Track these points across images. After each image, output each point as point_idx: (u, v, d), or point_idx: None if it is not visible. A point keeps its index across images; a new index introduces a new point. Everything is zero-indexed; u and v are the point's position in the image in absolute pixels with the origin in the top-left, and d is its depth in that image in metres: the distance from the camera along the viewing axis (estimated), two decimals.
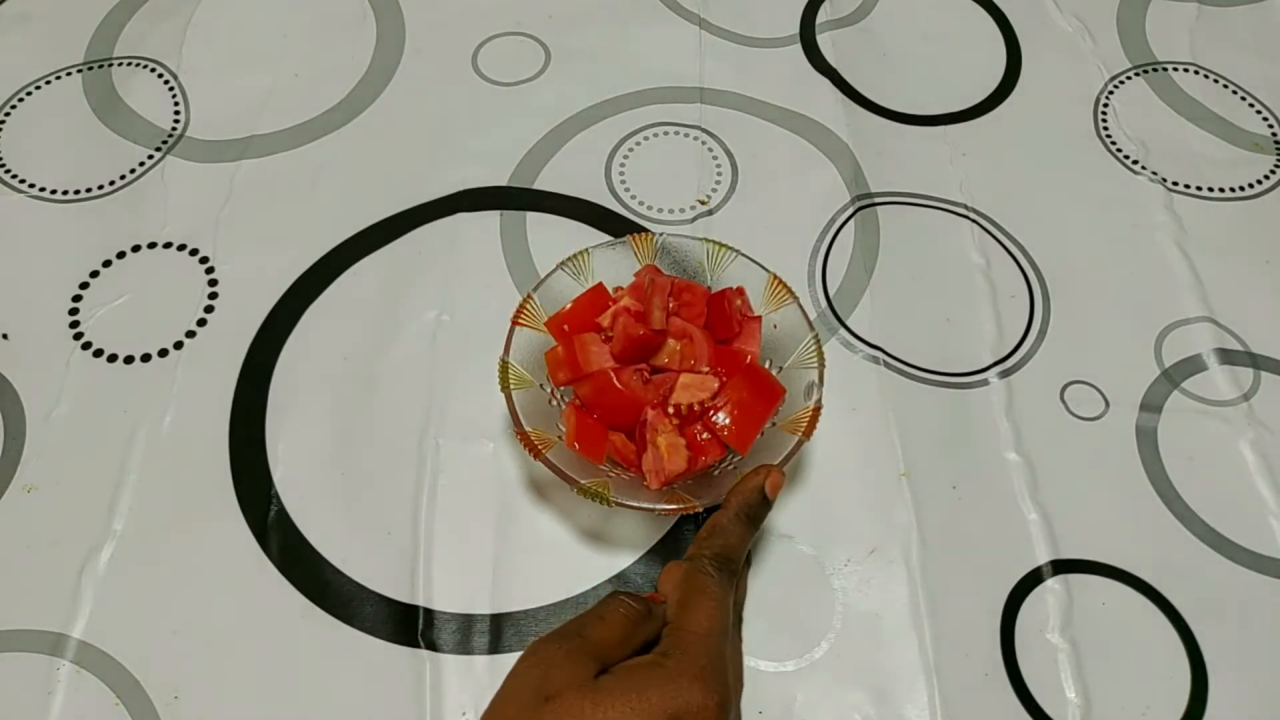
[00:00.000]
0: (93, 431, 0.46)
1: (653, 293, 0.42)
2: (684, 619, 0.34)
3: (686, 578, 0.35)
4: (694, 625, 0.34)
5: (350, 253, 0.52)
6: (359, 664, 0.41)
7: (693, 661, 0.32)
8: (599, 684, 0.31)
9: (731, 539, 0.37)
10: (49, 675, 0.40)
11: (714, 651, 0.33)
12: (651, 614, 0.35)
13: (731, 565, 0.36)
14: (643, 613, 0.34)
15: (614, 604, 0.34)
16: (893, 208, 0.54)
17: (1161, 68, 0.61)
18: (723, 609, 0.34)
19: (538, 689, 0.31)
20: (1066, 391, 0.48)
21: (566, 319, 0.43)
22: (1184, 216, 0.54)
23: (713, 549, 0.36)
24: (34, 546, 0.43)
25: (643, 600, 0.35)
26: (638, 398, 0.41)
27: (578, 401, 0.42)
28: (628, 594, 0.35)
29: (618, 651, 0.33)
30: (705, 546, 0.36)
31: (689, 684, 0.31)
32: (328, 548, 0.43)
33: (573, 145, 0.57)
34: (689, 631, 0.33)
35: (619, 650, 0.33)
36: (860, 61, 0.61)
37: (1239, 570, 0.44)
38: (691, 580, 0.35)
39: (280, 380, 0.48)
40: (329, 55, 0.60)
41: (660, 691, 0.31)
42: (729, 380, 0.42)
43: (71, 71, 0.59)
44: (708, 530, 0.37)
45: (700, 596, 0.34)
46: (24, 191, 0.54)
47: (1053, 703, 0.40)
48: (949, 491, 0.45)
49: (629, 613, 0.34)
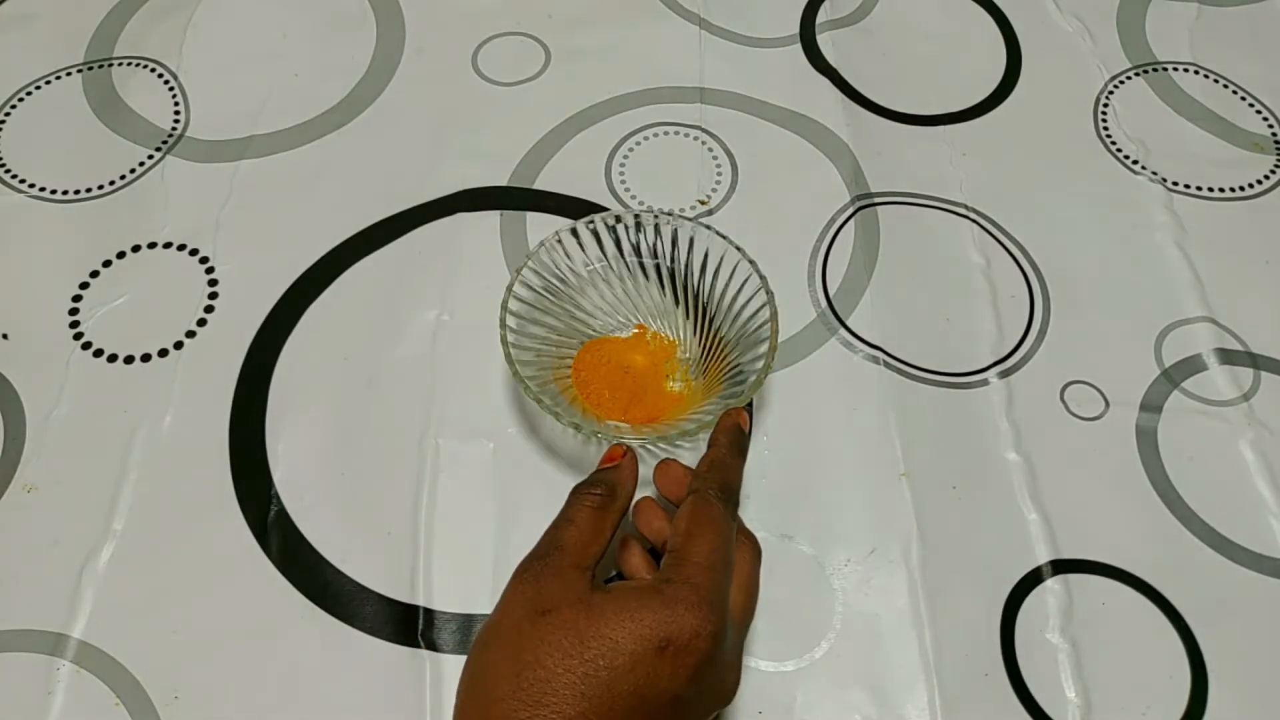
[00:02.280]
0: (93, 431, 0.46)
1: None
2: (688, 548, 0.34)
3: (693, 508, 0.36)
4: (696, 555, 0.34)
5: (350, 253, 0.52)
6: (359, 664, 0.41)
7: (692, 590, 0.32)
8: (594, 600, 0.32)
9: (730, 472, 0.38)
10: (49, 675, 0.40)
11: (713, 582, 0.33)
12: (615, 493, 0.36)
13: (734, 497, 0.37)
14: (606, 497, 0.36)
15: (577, 503, 0.36)
16: (893, 208, 0.54)
17: (1161, 68, 0.61)
18: (726, 541, 0.35)
19: (533, 604, 0.33)
20: (1066, 391, 0.48)
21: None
22: (1184, 216, 0.54)
23: (716, 481, 0.37)
24: (34, 546, 0.43)
25: (601, 483, 0.36)
26: None
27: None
28: (586, 484, 0.37)
29: (595, 546, 0.35)
30: (708, 480, 0.37)
31: (685, 611, 0.32)
32: (328, 548, 0.43)
33: (573, 145, 0.57)
34: (691, 561, 0.33)
35: (596, 544, 0.35)
36: (860, 61, 0.61)
37: (1239, 570, 0.44)
38: (698, 511, 0.35)
39: (280, 380, 0.48)
40: (329, 55, 0.60)
41: (655, 615, 0.31)
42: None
43: (71, 71, 0.59)
44: (707, 465, 0.38)
45: (705, 527, 0.35)
46: (24, 191, 0.54)
47: (1053, 703, 0.40)
48: (949, 491, 0.45)
49: (593, 504, 0.36)
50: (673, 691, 0.31)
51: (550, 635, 0.31)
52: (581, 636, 0.31)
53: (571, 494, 0.37)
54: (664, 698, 0.31)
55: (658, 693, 0.31)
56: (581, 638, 0.31)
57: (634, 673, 0.31)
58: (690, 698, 0.32)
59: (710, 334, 0.47)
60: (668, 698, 0.31)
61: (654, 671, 0.31)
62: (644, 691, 0.31)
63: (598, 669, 0.31)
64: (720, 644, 0.32)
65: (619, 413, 0.45)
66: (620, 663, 0.31)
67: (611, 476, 0.37)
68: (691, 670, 0.31)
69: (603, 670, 0.31)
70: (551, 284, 0.46)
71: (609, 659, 0.31)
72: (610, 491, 0.36)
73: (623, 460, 0.38)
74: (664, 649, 0.31)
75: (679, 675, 0.31)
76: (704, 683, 0.32)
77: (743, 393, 0.42)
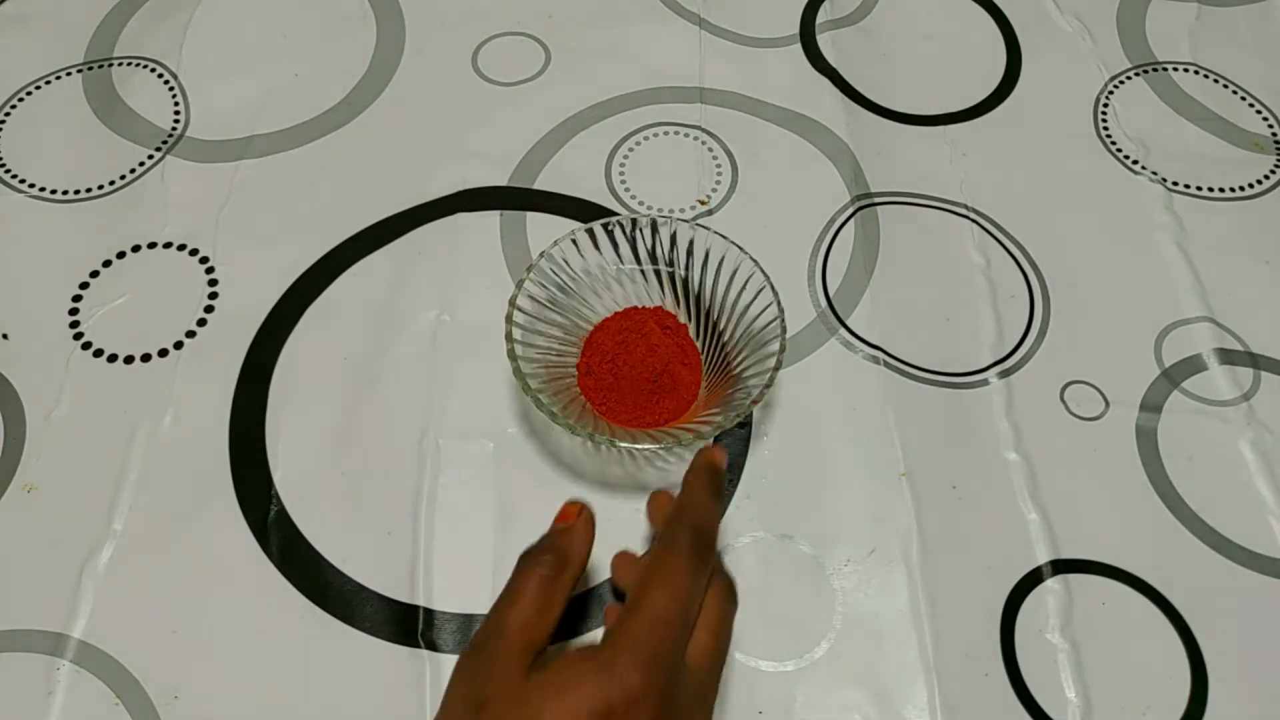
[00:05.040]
0: (93, 431, 0.46)
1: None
2: (640, 601, 0.31)
3: (655, 557, 0.32)
4: (648, 609, 0.31)
5: (350, 253, 0.52)
6: (359, 664, 0.41)
7: (633, 649, 0.30)
8: (529, 683, 0.30)
9: (702, 512, 0.35)
10: (49, 675, 0.40)
11: (660, 637, 0.30)
12: (567, 561, 0.33)
13: (706, 542, 0.33)
14: (555, 566, 0.33)
15: (524, 575, 0.33)
16: (893, 208, 0.54)
17: (1161, 68, 0.61)
18: (686, 593, 0.32)
19: (469, 700, 0.30)
20: (1066, 391, 0.48)
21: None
22: (1184, 216, 0.54)
23: (686, 526, 0.33)
24: (34, 546, 0.43)
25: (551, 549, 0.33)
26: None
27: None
28: (535, 550, 0.33)
29: (543, 625, 0.32)
30: (677, 526, 0.33)
31: (624, 673, 0.29)
32: (328, 548, 0.43)
33: (573, 145, 0.57)
34: (638, 614, 0.31)
35: (544, 622, 0.32)
36: (860, 61, 0.61)
37: (1239, 570, 0.44)
38: (658, 560, 0.32)
39: (280, 380, 0.48)
40: (329, 55, 0.60)
41: (592, 684, 0.29)
42: None
43: (71, 71, 0.59)
44: (675, 510, 0.35)
45: (660, 578, 0.32)
46: (24, 191, 0.54)
47: (1053, 702, 0.40)
48: (949, 491, 0.45)
49: (542, 575, 0.32)
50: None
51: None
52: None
53: (520, 560, 0.33)
54: None
55: None
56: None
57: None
58: None
59: (714, 338, 0.47)
60: None
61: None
62: None
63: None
64: (669, 702, 0.30)
65: (627, 415, 0.45)
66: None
67: (562, 542, 0.34)
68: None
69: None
70: (553, 293, 0.46)
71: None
72: (560, 559, 0.33)
73: (576, 521, 0.35)
74: (607, 717, 0.28)
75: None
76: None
77: (752, 395, 0.42)
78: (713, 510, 0.36)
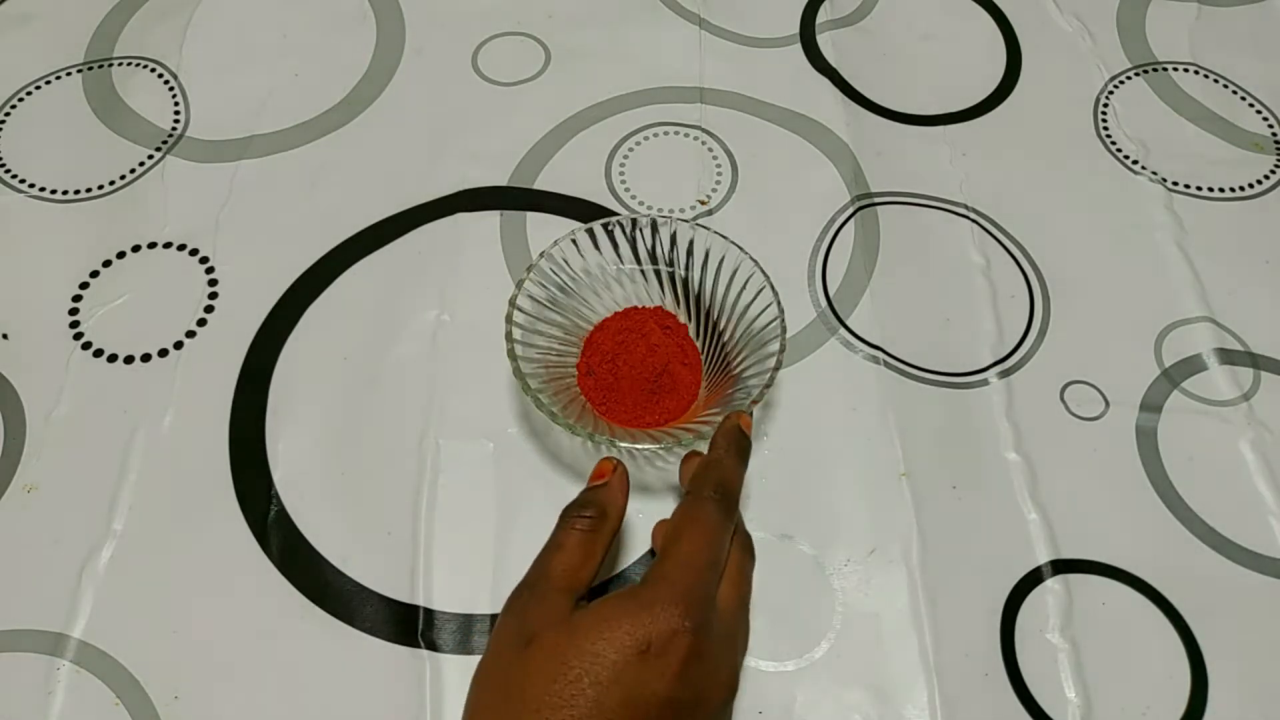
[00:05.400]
0: (93, 431, 0.46)
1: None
2: (671, 546, 0.33)
3: (684, 508, 0.35)
4: (680, 553, 0.33)
5: (350, 253, 0.52)
6: (359, 664, 0.41)
7: (669, 587, 0.32)
8: (574, 620, 0.32)
9: (728, 471, 0.37)
10: (49, 675, 0.40)
11: (694, 578, 0.33)
12: (606, 514, 0.36)
13: (731, 497, 0.36)
14: (595, 519, 0.35)
15: (566, 528, 0.35)
16: (893, 208, 0.54)
17: (1161, 68, 0.61)
18: (714, 539, 0.34)
19: (517, 635, 0.32)
20: (1066, 391, 0.48)
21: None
22: (1184, 216, 0.54)
23: (711, 480, 0.36)
24: (34, 546, 0.43)
25: (590, 504, 0.36)
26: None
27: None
28: (575, 506, 0.36)
29: (584, 571, 0.34)
30: (703, 479, 0.36)
31: (662, 609, 0.31)
32: (328, 548, 0.43)
33: (573, 145, 0.57)
34: (671, 558, 0.33)
35: (586, 569, 0.34)
36: (860, 61, 0.61)
37: (1239, 570, 0.44)
38: (688, 511, 0.35)
39: (280, 380, 0.48)
40: (329, 55, 0.60)
41: (632, 619, 0.31)
42: None
43: (71, 71, 0.59)
44: (703, 466, 0.37)
45: (692, 525, 0.34)
46: (24, 191, 0.54)
47: (1053, 703, 0.40)
48: (949, 491, 0.45)
49: (583, 528, 0.35)
50: (663, 694, 0.31)
51: (533, 663, 0.31)
52: (563, 658, 0.31)
53: (561, 516, 0.36)
54: (656, 701, 0.31)
55: (648, 696, 0.31)
56: (563, 659, 0.31)
57: (619, 683, 0.30)
58: (687, 699, 0.31)
59: (714, 338, 0.47)
60: (660, 700, 0.31)
61: (640, 677, 0.31)
62: (634, 699, 0.30)
63: (582, 687, 0.30)
64: (704, 639, 0.32)
65: (627, 415, 0.45)
66: (604, 675, 0.30)
67: (601, 496, 0.36)
68: (678, 668, 0.31)
69: (587, 687, 0.30)
70: (553, 293, 0.46)
71: (592, 674, 0.30)
72: (600, 512, 0.36)
73: (612, 477, 0.37)
74: (645, 651, 0.31)
75: (666, 675, 0.31)
76: (694, 680, 0.31)
77: (752, 395, 0.42)
78: (738, 469, 0.38)
